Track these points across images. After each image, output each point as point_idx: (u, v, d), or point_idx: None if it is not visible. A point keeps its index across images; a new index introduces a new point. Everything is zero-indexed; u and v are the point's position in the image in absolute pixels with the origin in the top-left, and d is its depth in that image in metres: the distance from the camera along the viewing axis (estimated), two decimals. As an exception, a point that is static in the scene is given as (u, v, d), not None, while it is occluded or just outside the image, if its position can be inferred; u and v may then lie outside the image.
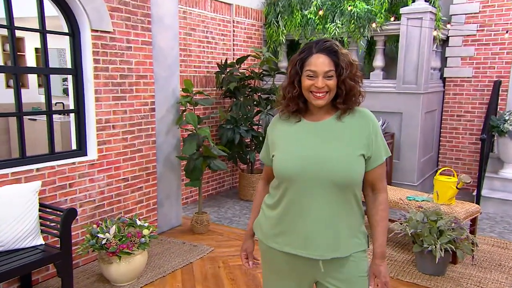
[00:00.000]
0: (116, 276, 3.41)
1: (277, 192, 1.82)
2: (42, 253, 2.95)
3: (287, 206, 1.77)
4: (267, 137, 1.93)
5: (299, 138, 1.78)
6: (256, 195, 2.06)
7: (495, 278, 3.75)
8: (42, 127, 4.74)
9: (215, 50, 6.05)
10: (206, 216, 4.74)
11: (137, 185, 4.28)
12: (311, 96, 1.71)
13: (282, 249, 1.80)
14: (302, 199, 1.72)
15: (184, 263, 3.92)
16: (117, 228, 3.37)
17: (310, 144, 1.74)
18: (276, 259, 1.85)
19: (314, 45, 1.71)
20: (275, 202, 1.83)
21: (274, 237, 1.83)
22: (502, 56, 6.08)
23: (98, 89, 3.79)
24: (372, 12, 5.75)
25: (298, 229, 1.75)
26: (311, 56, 1.69)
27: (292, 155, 1.75)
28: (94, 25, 3.66)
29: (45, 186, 3.44)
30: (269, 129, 1.93)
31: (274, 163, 1.80)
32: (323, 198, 1.70)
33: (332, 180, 1.68)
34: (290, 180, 1.73)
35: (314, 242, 1.73)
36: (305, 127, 1.79)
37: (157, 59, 4.42)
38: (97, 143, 3.84)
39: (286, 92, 1.79)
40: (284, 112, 1.84)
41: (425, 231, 3.66)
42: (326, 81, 1.68)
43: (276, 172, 1.80)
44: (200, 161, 4.50)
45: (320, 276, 1.81)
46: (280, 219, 1.81)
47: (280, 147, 1.81)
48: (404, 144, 5.82)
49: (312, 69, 1.68)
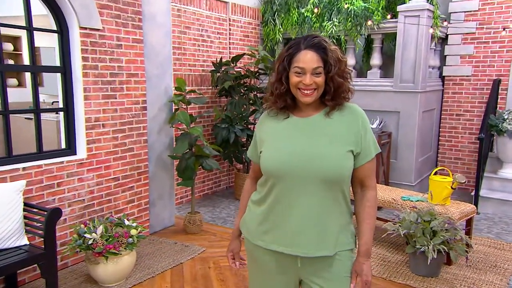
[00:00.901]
0: (104, 276, 3.36)
1: (264, 189, 1.80)
2: (25, 254, 2.90)
3: (274, 203, 1.75)
4: (255, 134, 1.90)
5: (287, 134, 1.75)
6: (243, 194, 2.02)
7: (489, 279, 3.69)
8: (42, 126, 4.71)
9: (211, 49, 6.00)
10: (199, 216, 4.69)
11: (128, 185, 4.23)
12: (298, 93, 1.68)
13: (268, 246, 1.77)
14: (289, 196, 1.70)
15: (174, 264, 3.87)
16: (104, 228, 3.33)
17: (298, 140, 1.72)
18: (262, 257, 1.83)
19: (302, 41, 1.67)
20: (261, 198, 1.82)
21: (260, 235, 1.81)
22: (501, 54, 6.00)
23: (87, 87, 3.75)
24: (369, 10, 5.68)
25: (285, 226, 1.72)
26: (299, 52, 1.65)
27: (280, 151, 1.72)
28: (82, 23, 3.62)
29: (32, 185, 3.40)
30: (257, 126, 1.91)
31: (262, 160, 1.78)
32: (310, 195, 1.68)
33: (320, 177, 1.66)
34: (277, 176, 1.71)
35: (300, 240, 1.71)
36: (293, 123, 1.76)
37: (149, 57, 4.38)
38: (86, 142, 3.80)
39: (274, 89, 1.75)
40: (272, 108, 1.81)
41: (418, 231, 3.60)
42: (314, 78, 1.65)
43: (263, 168, 1.77)
44: (192, 160, 4.46)
45: (304, 275, 1.78)
46: (266, 216, 1.78)
47: (268, 143, 1.79)
48: (402, 144, 5.74)
49: (300, 66, 1.65)
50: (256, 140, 1.88)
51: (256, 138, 1.88)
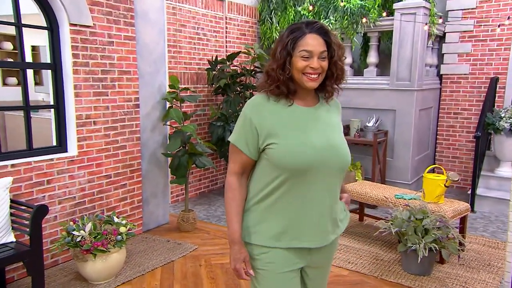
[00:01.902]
0: (92, 274, 3.35)
1: (267, 185, 1.68)
2: (11, 251, 2.89)
3: (287, 199, 1.66)
4: (250, 119, 1.67)
5: (303, 125, 1.67)
6: (232, 194, 1.74)
7: (482, 278, 3.65)
8: (39, 124, 4.71)
9: (207, 47, 5.99)
10: (192, 214, 4.68)
11: (120, 182, 4.22)
12: (304, 78, 1.64)
13: (289, 245, 1.70)
14: (307, 189, 1.65)
15: (165, 261, 3.86)
16: (93, 225, 3.31)
17: (316, 131, 1.68)
18: (276, 258, 1.72)
19: (305, 26, 1.64)
20: (264, 196, 1.70)
21: (277, 235, 1.70)
22: (499, 52, 5.95)
23: (78, 84, 3.74)
24: (366, 8, 5.65)
25: (305, 221, 1.69)
26: (305, 36, 1.62)
27: (303, 144, 1.62)
28: (72, 19, 3.61)
29: (21, 182, 3.40)
30: (253, 110, 1.69)
31: (280, 153, 1.62)
32: (326, 186, 1.68)
33: (339, 167, 1.70)
34: (298, 171, 1.61)
35: (320, 231, 1.72)
36: (301, 113, 1.69)
37: (142, 54, 4.37)
38: (77, 139, 3.79)
39: (277, 74, 1.64)
40: (272, 94, 1.69)
41: (409, 229, 3.57)
42: (321, 62, 1.63)
43: (283, 164, 1.61)
44: (185, 158, 4.44)
45: (310, 263, 1.81)
46: (279, 215, 1.69)
47: (284, 135, 1.63)
48: (398, 142, 5.71)
49: (308, 49, 1.61)
50: (256, 128, 1.66)
51: (255, 125, 1.66)
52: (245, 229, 1.75)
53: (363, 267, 3.84)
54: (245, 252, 1.74)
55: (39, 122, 5.56)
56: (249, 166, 1.75)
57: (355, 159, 5.95)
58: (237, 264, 1.74)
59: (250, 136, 1.67)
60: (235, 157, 1.74)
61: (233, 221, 1.73)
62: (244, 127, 1.69)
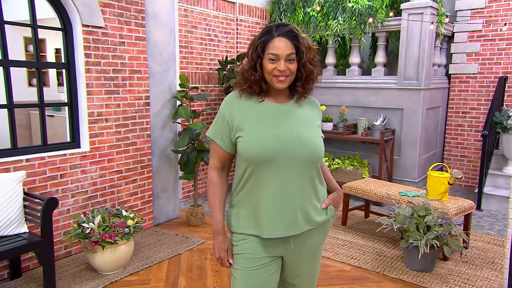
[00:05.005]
0: (101, 264, 3.49)
1: (242, 178, 1.79)
2: (24, 241, 3.04)
3: (257, 190, 1.76)
4: (223, 115, 1.80)
5: (268, 119, 1.77)
6: (215, 188, 1.86)
7: (485, 275, 3.69)
8: (61, 123, 4.88)
9: (218, 48, 6.11)
10: (201, 208, 4.80)
11: (131, 177, 4.36)
12: (273, 80, 1.73)
13: (259, 234, 1.78)
14: (272, 179, 1.73)
15: (172, 254, 3.98)
16: (102, 218, 3.45)
17: (281, 124, 1.76)
18: (255, 245, 1.81)
19: (275, 29, 1.72)
20: (242, 189, 1.81)
21: (250, 224, 1.80)
22: (508, 51, 5.95)
23: (90, 83, 3.89)
24: (373, 8, 5.71)
25: (271, 211, 1.75)
26: (273, 40, 1.70)
27: (267, 136, 1.73)
28: (85, 20, 3.76)
29: (35, 176, 3.55)
30: (226, 107, 1.82)
31: (245, 145, 1.73)
32: (292, 177, 1.74)
33: (306, 158, 1.74)
34: (263, 162, 1.71)
35: (290, 221, 1.77)
36: (270, 108, 1.79)
37: (152, 54, 4.51)
38: (89, 136, 3.94)
39: (248, 75, 1.76)
40: (244, 92, 1.81)
41: (411, 226, 3.63)
42: (288, 64, 1.71)
43: (248, 154, 1.73)
44: (193, 154, 4.57)
45: (291, 252, 1.86)
46: (251, 204, 1.79)
47: (249, 128, 1.75)
48: (405, 141, 5.75)
49: (274, 53, 1.70)
50: (227, 122, 1.78)
51: (227, 120, 1.78)
52: (227, 219, 1.90)
53: (366, 262, 3.90)
54: (228, 242, 1.88)
55: (62, 120, 5.75)
56: (227, 160, 1.88)
57: (362, 157, 6.01)
58: (221, 253, 1.87)
59: (224, 130, 1.80)
60: (214, 152, 1.87)
61: (216, 213, 1.86)
62: (218, 122, 1.83)
